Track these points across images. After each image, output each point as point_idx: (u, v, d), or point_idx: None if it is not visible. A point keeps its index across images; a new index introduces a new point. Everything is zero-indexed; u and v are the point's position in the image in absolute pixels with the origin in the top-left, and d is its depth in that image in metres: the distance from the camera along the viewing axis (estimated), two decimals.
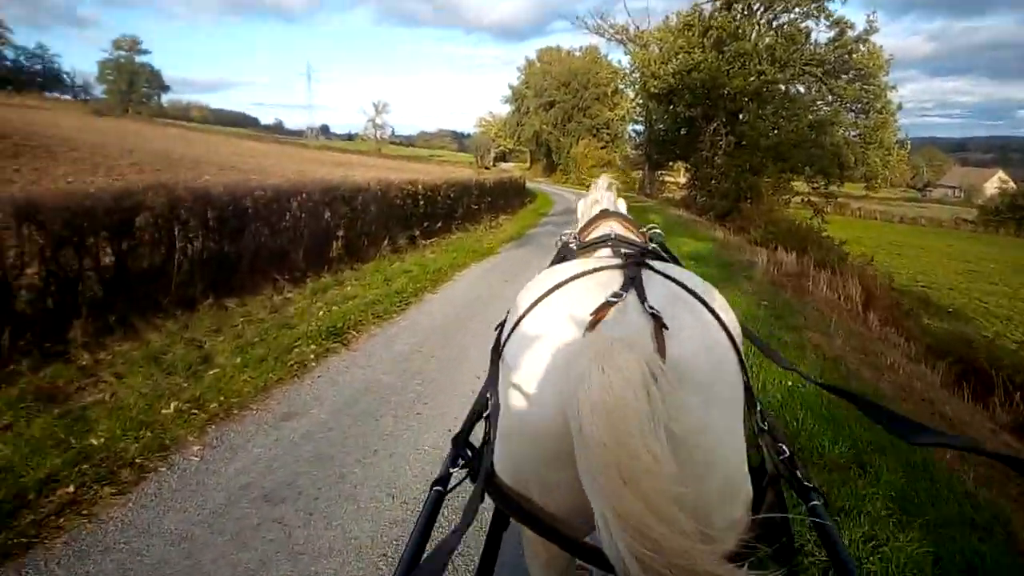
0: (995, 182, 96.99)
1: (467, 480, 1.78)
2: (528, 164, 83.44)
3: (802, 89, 31.48)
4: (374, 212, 13.16)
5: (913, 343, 10.58)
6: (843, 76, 29.49)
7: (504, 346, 1.61)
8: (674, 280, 1.59)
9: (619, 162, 61.22)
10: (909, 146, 32.93)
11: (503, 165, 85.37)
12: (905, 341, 10.67)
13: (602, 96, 68.49)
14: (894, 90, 29.62)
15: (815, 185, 31.78)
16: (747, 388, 1.50)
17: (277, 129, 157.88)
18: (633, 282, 1.52)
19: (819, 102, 30.75)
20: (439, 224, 16.79)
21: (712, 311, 1.51)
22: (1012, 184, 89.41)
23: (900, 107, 30.22)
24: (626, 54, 34.74)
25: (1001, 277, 32.01)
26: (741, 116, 30.57)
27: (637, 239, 2.56)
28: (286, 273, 9.44)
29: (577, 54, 75.18)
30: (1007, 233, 66.14)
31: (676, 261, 2.31)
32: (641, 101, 38.02)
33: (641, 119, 40.19)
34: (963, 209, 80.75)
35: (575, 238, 2.72)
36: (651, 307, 1.40)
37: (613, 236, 2.45)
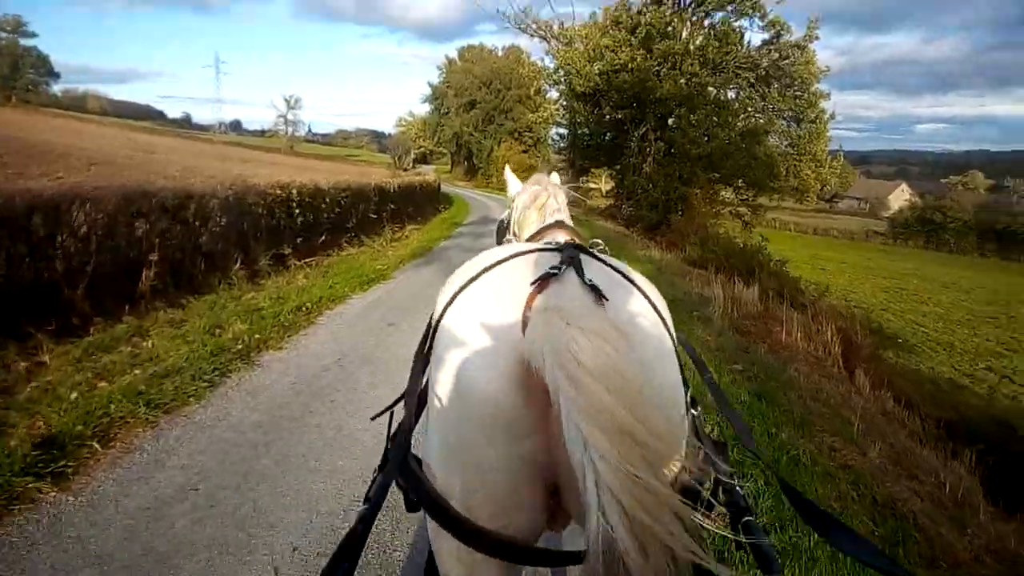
0: (899, 194, 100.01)
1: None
2: (449, 167, 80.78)
3: (733, 95, 29.39)
4: (224, 225, 9.57)
5: (921, 418, 7.97)
6: (775, 83, 27.58)
7: (437, 326, 1.52)
8: (611, 267, 1.60)
9: (541, 167, 58.84)
10: (842, 158, 31.34)
11: (423, 168, 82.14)
12: (906, 410, 8.10)
13: (524, 98, 65.70)
14: (826, 98, 27.98)
15: (743, 197, 29.89)
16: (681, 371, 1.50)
17: (184, 124, 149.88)
18: (572, 261, 1.49)
19: (750, 109, 28.66)
20: (323, 238, 13.31)
21: (647, 298, 1.53)
22: (915, 198, 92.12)
23: (833, 117, 28.59)
24: (548, 53, 31.88)
25: (930, 295, 31.13)
26: (671, 121, 28.25)
27: None
28: (52, 322, 6.10)
29: (500, 54, 72.45)
30: (916, 246, 67.61)
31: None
32: (565, 103, 35.30)
33: (564, 122, 37.46)
34: (871, 221, 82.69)
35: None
36: (590, 280, 1.40)
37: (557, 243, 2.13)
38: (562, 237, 2.46)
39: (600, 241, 2.51)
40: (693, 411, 1.63)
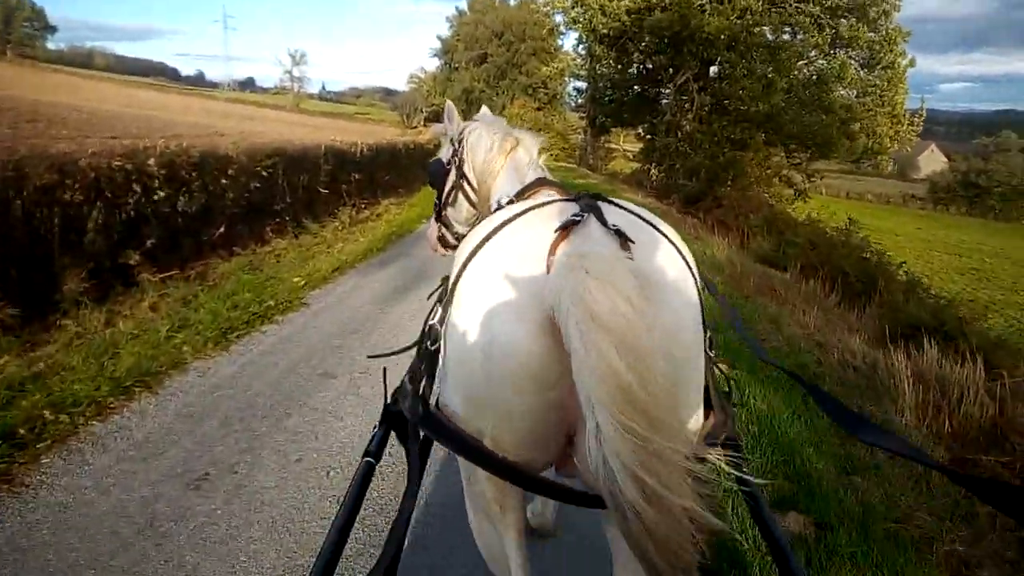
0: (929, 156, 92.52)
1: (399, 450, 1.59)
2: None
3: (786, 37, 23.32)
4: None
5: None
6: (844, 18, 21.60)
7: (457, 282, 1.43)
8: (631, 212, 1.49)
9: (558, 125, 52.98)
10: (924, 113, 25.26)
11: (436, 126, 76.61)
12: None
13: (539, 51, 59.30)
14: (908, 36, 21.86)
15: (797, 160, 24.22)
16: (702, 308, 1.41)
17: (196, 80, 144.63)
18: (591, 208, 1.38)
19: (812, 52, 22.72)
20: (219, 231, 8.30)
21: (671, 241, 1.43)
22: (945, 159, 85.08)
23: (912, 64, 22.57)
24: None
25: (1014, 279, 25.56)
26: (713, 70, 22.51)
27: None
28: None
29: (512, 3, 65.76)
30: (958, 211, 61.60)
31: None
32: (583, 50, 29.50)
33: (583, 74, 31.58)
34: (903, 184, 76.21)
35: (511, 202, 2.10)
36: (614, 225, 1.31)
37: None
38: (553, 194, 2.04)
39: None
40: (710, 353, 1.50)
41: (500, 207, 2.10)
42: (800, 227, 13.93)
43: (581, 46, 30.05)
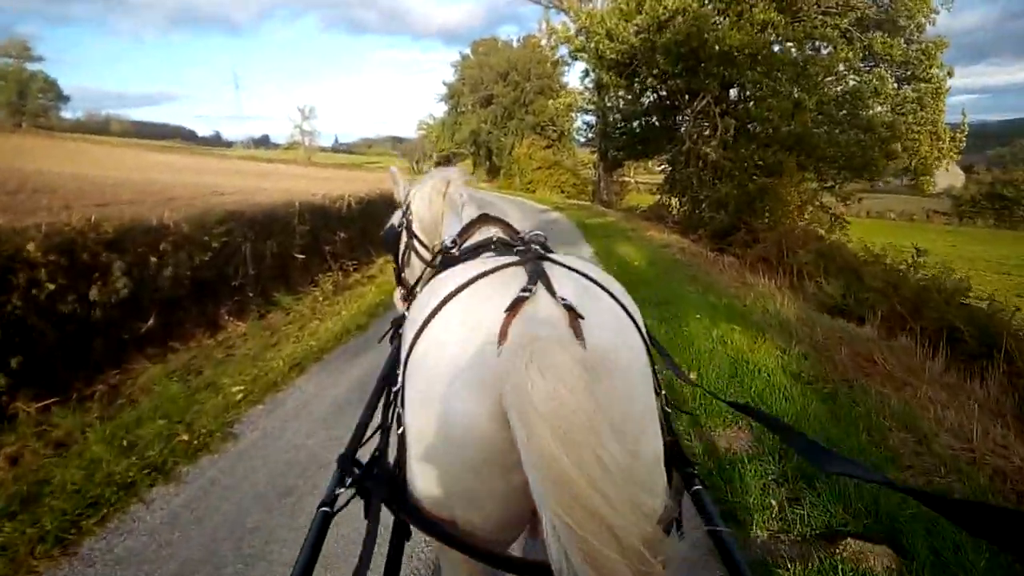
0: (945, 169, 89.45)
1: (356, 500, 1.52)
2: (471, 168, 74.44)
3: (811, 52, 21.33)
4: None
5: None
6: (876, 30, 19.68)
7: (408, 357, 1.40)
8: (577, 271, 1.50)
9: (568, 162, 51.40)
10: (967, 128, 23.03)
11: (446, 171, 76.42)
12: None
13: (545, 89, 58.03)
14: (946, 47, 19.86)
15: (830, 183, 22.07)
16: (653, 371, 1.44)
17: (213, 141, 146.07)
18: (539, 275, 1.39)
19: (841, 67, 20.62)
20: (147, 325, 6.37)
21: (615, 299, 1.45)
22: (962, 172, 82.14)
23: (951, 74, 20.55)
24: (573, 20, 24.13)
25: None
26: (732, 93, 20.57)
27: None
28: None
29: (515, 44, 64.88)
30: (985, 225, 58.73)
31: None
32: (591, 82, 27.76)
33: (592, 107, 29.82)
34: (923, 199, 73.15)
35: (454, 242, 2.22)
36: (563, 298, 1.31)
37: (496, 239, 2.06)
38: (495, 231, 2.17)
39: (542, 233, 2.04)
40: (667, 409, 1.55)
41: (445, 250, 2.16)
42: (867, 266, 11.68)
43: (588, 79, 28.38)
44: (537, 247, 1.78)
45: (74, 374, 5.08)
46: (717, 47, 18.03)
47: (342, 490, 1.57)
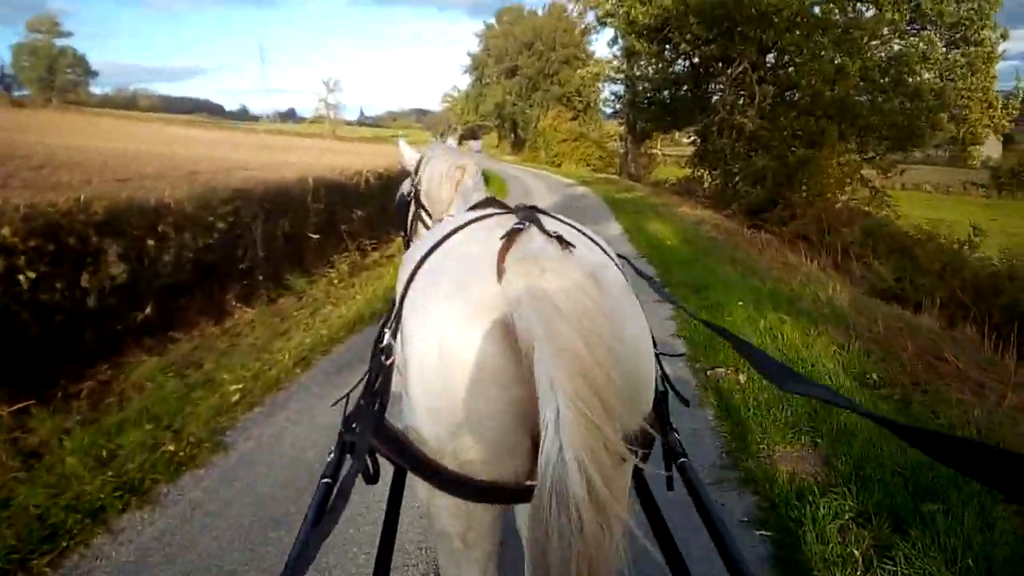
0: (998, 139, 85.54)
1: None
2: (496, 141, 73.48)
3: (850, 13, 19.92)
4: None
5: None
6: None
7: (406, 291, 1.46)
8: (565, 222, 1.57)
9: (594, 134, 50.19)
10: (1023, 94, 21.55)
11: (472, 143, 76.03)
12: None
13: (571, 59, 56.56)
14: (998, 6, 18.44)
15: (871, 155, 20.87)
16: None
17: (240, 115, 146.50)
18: (530, 218, 1.42)
19: (885, 29, 19.32)
20: (144, 314, 5.91)
21: (602, 249, 1.53)
22: (999, 143, 78.55)
23: (1005, 36, 19.13)
24: None
25: None
26: (769, 58, 19.42)
27: None
28: None
29: (540, 13, 63.27)
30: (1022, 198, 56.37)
31: None
32: (619, 50, 26.66)
33: (620, 77, 28.69)
34: (958, 171, 70.27)
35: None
36: (554, 231, 1.35)
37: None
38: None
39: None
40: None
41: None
42: (919, 245, 10.80)
43: (616, 46, 27.30)
44: None
45: (59, 370, 4.62)
46: (754, 9, 16.91)
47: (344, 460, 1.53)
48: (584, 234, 1.53)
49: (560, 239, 1.32)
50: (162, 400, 4.39)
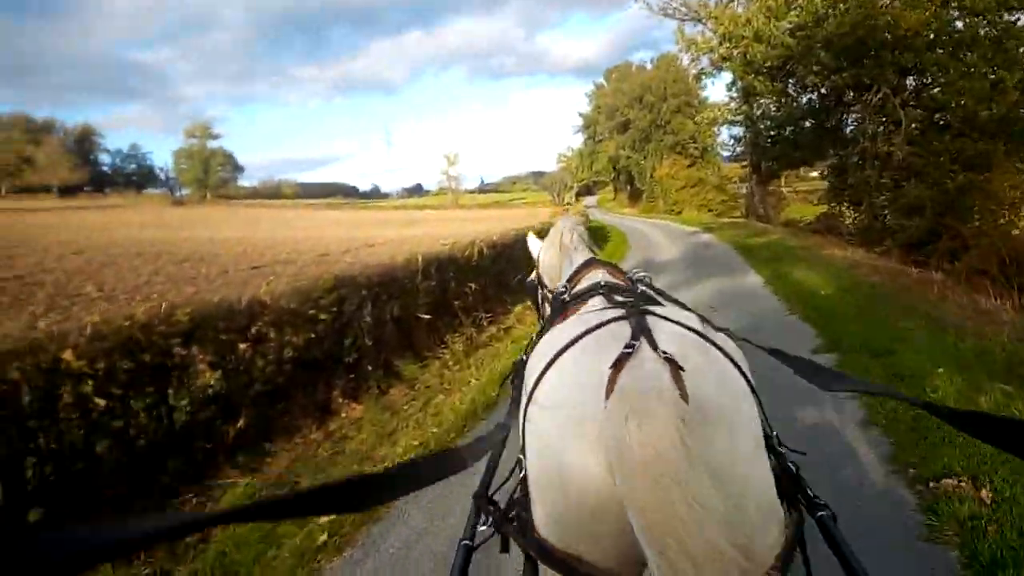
0: None
1: (495, 536, 1.60)
2: (613, 194, 72.89)
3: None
4: None
5: None
6: None
7: (527, 408, 1.48)
8: (678, 323, 1.55)
9: (712, 179, 48.19)
10: None
11: (586, 199, 76.38)
12: None
13: (683, 107, 55.31)
14: None
15: None
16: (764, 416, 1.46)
17: (371, 194, 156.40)
18: (642, 330, 1.45)
19: None
20: (239, 425, 5.36)
21: (718, 347, 1.48)
22: None
23: None
24: (714, 28, 21.85)
25: None
26: (909, 81, 17.31)
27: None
28: None
29: (648, 67, 62.74)
30: None
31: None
32: (737, 91, 25.21)
33: (739, 118, 27.10)
34: None
35: (565, 288, 2.40)
36: (664, 352, 1.35)
37: (603, 284, 2.19)
38: (601, 274, 2.33)
39: (644, 272, 2.39)
40: (780, 448, 1.57)
41: (557, 295, 2.37)
42: None
43: (734, 89, 25.91)
44: (644, 288, 2.20)
45: (130, 504, 4.04)
46: (889, 33, 15.12)
47: (482, 527, 1.63)
48: (702, 335, 1.48)
49: (671, 361, 1.30)
50: (240, 542, 3.67)
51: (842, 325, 7.60)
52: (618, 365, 1.30)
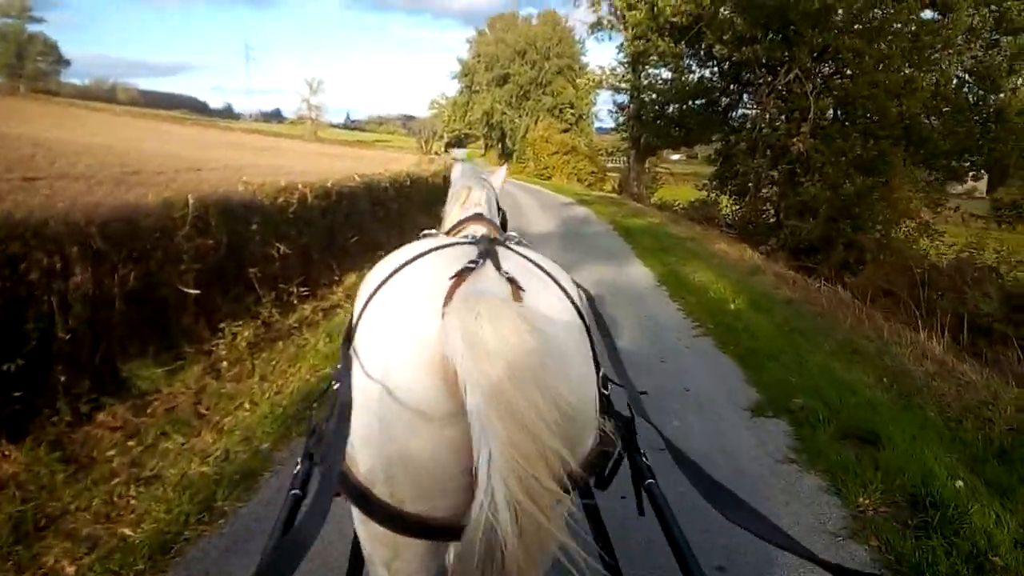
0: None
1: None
2: (483, 150, 69.88)
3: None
4: None
5: None
6: None
7: (358, 323, 1.41)
8: (525, 257, 1.54)
9: (585, 148, 46.53)
10: None
11: (456, 152, 72.71)
12: None
13: (565, 69, 53.03)
14: None
15: (923, 185, 17.17)
16: (593, 352, 1.45)
17: (224, 113, 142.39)
18: (488, 254, 1.44)
19: (961, 39, 15.55)
20: None
21: (561, 287, 1.46)
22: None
23: None
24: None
25: None
26: (829, 64, 15.71)
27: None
28: None
29: (534, 21, 59.70)
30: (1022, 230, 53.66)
31: None
32: (625, 56, 23.02)
33: (624, 86, 24.98)
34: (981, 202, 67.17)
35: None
36: (507, 272, 1.36)
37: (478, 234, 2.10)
38: (480, 229, 2.32)
39: (515, 233, 2.20)
40: (604, 391, 1.51)
41: (425, 235, 2.14)
42: None
43: (623, 51, 23.63)
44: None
45: None
46: (816, 3, 13.19)
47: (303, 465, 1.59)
48: (545, 271, 1.47)
49: (512, 281, 1.30)
50: None
51: (775, 365, 5.31)
52: (460, 277, 1.28)
